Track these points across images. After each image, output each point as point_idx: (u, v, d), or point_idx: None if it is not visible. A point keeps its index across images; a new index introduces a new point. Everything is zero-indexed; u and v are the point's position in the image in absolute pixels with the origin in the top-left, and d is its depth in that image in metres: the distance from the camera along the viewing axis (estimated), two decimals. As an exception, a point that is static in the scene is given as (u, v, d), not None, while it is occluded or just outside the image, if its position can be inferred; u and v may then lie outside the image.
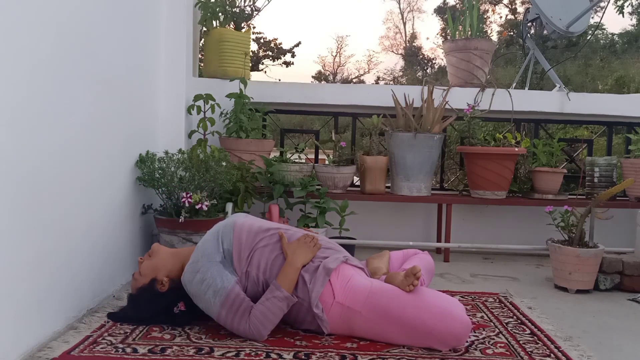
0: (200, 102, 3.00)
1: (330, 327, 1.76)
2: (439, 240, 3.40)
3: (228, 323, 1.73)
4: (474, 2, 3.59)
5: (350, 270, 1.82)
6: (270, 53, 16.59)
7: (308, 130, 5.21)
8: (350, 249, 2.86)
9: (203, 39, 3.48)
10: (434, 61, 23.79)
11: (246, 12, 3.54)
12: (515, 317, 2.07)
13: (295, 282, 1.75)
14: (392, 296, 1.70)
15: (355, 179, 3.45)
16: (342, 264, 1.83)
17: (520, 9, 19.44)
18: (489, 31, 19.50)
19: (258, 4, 3.72)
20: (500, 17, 20.74)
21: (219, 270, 1.74)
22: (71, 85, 1.80)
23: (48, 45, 1.65)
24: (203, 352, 1.63)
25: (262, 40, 16.24)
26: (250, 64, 3.58)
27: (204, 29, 3.41)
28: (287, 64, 16.66)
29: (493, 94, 3.45)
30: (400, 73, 24.47)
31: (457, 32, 3.68)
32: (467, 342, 1.76)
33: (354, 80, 25.50)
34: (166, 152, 2.53)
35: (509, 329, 1.93)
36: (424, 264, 2.07)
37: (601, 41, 18.04)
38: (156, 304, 1.83)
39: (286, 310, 1.73)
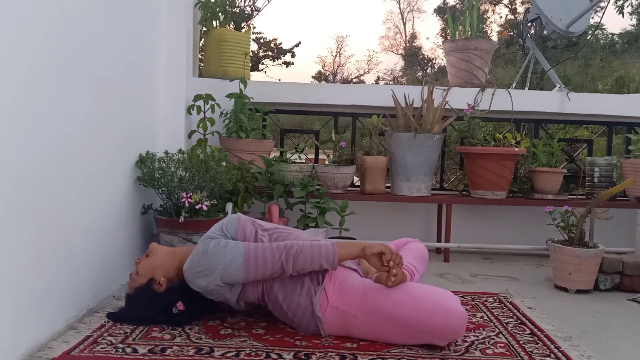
0: (200, 102, 3.00)
1: (327, 330, 1.76)
2: (439, 240, 3.40)
3: (259, 272, 1.69)
4: (474, 2, 3.59)
5: (342, 272, 1.81)
6: (270, 53, 16.60)
7: (308, 130, 5.21)
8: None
9: (203, 39, 3.48)
10: (434, 61, 23.81)
11: (246, 12, 3.54)
12: (515, 317, 2.07)
13: (347, 259, 1.74)
14: (385, 297, 1.69)
15: (355, 179, 3.45)
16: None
17: (520, 9, 19.44)
18: (489, 31, 19.52)
19: (258, 4, 3.73)
20: (500, 17, 20.76)
21: (228, 240, 1.75)
22: (70, 84, 1.79)
23: (46, 43, 1.65)
24: (203, 352, 1.63)
25: (262, 40, 16.25)
26: (250, 64, 3.58)
27: (204, 29, 3.41)
28: (287, 64, 16.67)
29: (493, 94, 3.45)
30: (400, 73, 24.49)
31: (457, 32, 3.68)
32: (466, 342, 1.76)
33: (354, 80, 25.51)
34: (166, 152, 2.53)
35: (509, 329, 1.93)
36: (415, 254, 2.06)
37: (601, 41, 18.04)
38: (154, 305, 1.83)
39: (317, 267, 1.70)
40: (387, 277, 1.69)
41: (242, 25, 3.50)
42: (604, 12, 7.50)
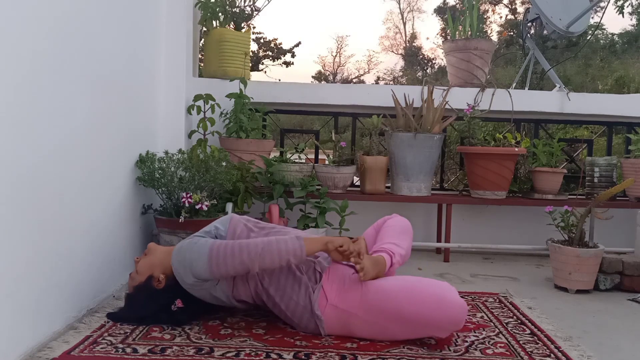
0: (200, 102, 3.00)
1: (327, 329, 1.76)
2: (439, 240, 3.40)
3: (222, 269, 1.68)
4: (474, 2, 3.59)
5: (341, 269, 1.81)
6: (270, 53, 16.60)
7: (308, 130, 5.21)
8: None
9: (203, 39, 3.48)
10: (434, 61, 23.82)
11: (246, 12, 3.54)
12: (515, 317, 2.07)
13: (314, 253, 1.73)
14: (384, 293, 1.69)
15: (355, 179, 3.45)
16: (333, 263, 1.82)
17: (520, 9, 19.45)
18: (489, 31, 19.53)
19: (258, 4, 3.72)
20: (500, 17, 20.77)
21: (202, 237, 1.78)
22: (70, 83, 1.79)
23: (45, 43, 1.65)
24: (203, 352, 1.63)
25: (262, 40, 16.25)
26: (250, 64, 3.58)
27: (204, 29, 3.41)
28: (287, 64, 16.67)
29: (493, 94, 3.45)
30: (400, 73, 24.49)
31: (457, 32, 3.68)
32: (466, 342, 1.77)
33: (354, 80, 25.52)
34: (166, 152, 2.53)
35: (509, 329, 1.93)
36: (395, 230, 2.00)
37: (601, 41, 18.04)
38: (154, 302, 1.83)
39: (284, 263, 1.69)
40: (361, 276, 1.70)
41: (242, 25, 3.50)
42: (604, 12, 7.50)
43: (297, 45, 16.69)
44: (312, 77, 25.70)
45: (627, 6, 14.39)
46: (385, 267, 1.80)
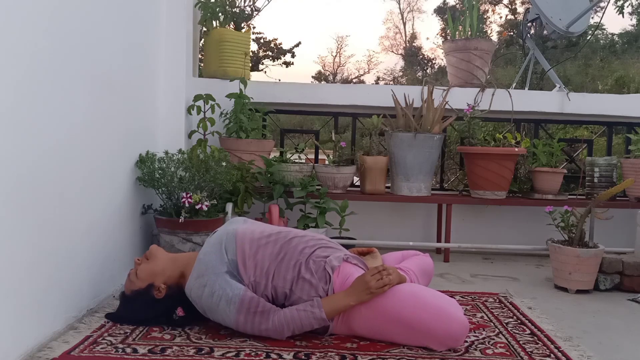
0: (200, 102, 3.00)
1: (333, 327, 1.76)
2: (439, 241, 3.40)
3: (248, 326, 1.70)
4: (474, 2, 3.59)
5: (350, 269, 1.81)
6: (270, 53, 16.60)
7: (308, 130, 5.21)
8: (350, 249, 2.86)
9: (203, 39, 3.48)
10: (434, 61, 23.82)
11: (246, 12, 3.54)
12: (515, 317, 2.07)
13: (339, 313, 1.74)
14: (390, 295, 1.69)
15: (355, 179, 3.45)
16: (343, 263, 1.82)
17: (520, 9, 19.45)
18: (489, 31, 19.52)
19: (258, 4, 3.73)
20: (500, 17, 20.76)
21: (226, 281, 1.72)
22: (69, 83, 1.79)
23: (45, 42, 1.64)
24: (203, 352, 1.63)
25: (262, 40, 16.25)
26: (250, 64, 3.58)
27: (204, 29, 3.41)
28: (287, 64, 16.67)
29: (493, 94, 3.45)
30: (400, 73, 24.50)
31: (457, 32, 3.68)
32: (466, 342, 1.76)
33: (354, 80, 25.52)
34: (166, 152, 2.53)
35: (509, 329, 1.93)
36: (420, 265, 2.06)
37: (601, 41, 18.06)
38: (153, 309, 1.82)
39: (314, 328, 1.73)
40: (378, 287, 1.69)
41: (242, 25, 3.50)
42: (604, 12, 7.52)
43: (297, 45, 16.71)
44: (312, 77, 25.72)
45: (627, 6, 14.41)
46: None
